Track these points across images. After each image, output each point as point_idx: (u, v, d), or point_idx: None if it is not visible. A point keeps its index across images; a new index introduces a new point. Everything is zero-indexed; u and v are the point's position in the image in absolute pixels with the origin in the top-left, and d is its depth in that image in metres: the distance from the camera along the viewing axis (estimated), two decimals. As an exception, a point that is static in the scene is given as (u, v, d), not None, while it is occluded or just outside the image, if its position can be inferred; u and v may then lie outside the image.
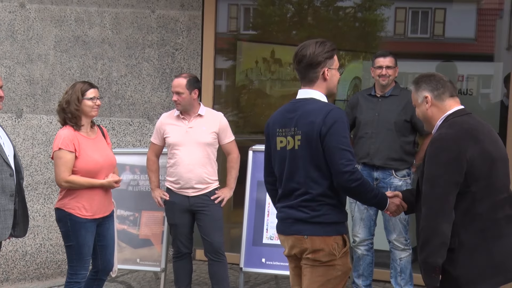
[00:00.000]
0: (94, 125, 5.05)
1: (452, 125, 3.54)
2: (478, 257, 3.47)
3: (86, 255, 4.86)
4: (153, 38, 6.79)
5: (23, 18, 6.53)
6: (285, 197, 3.83)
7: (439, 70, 6.72)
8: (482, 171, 3.45)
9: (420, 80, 3.71)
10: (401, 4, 7.20)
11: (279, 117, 3.87)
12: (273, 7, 7.65)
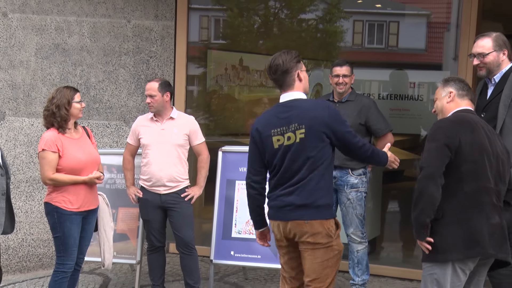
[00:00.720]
0: (77, 125, 5.06)
1: (456, 115, 3.77)
2: (456, 230, 3.59)
3: (72, 246, 4.87)
4: (129, 46, 6.80)
5: (5, 27, 6.47)
6: (281, 186, 3.99)
7: (393, 78, 6.91)
8: (471, 156, 3.60)
9: (450, 79, 3.92)
10: (359, 17, 7.23)
11: (271, 120, 4.03)
12: (241, 19, 7.64)
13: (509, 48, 4.45)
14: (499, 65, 4.44)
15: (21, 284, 6.23)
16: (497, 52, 4.41)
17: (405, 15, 7.16)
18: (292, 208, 3.93)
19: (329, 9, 7.27)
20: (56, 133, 4.84)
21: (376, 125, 5.55)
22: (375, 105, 5.63)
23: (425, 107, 6.75)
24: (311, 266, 3.95)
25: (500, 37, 4.45)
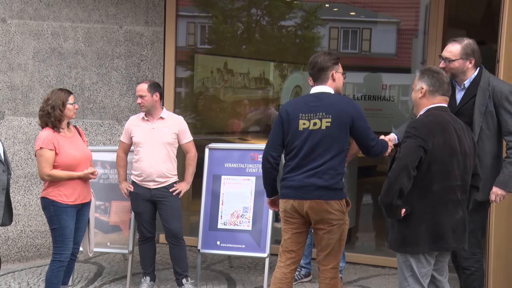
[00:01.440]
0: (69, 125, 5.06)
1: (429, 115, 3.70)
2: (423, 226, 3.63)
3: (68, 237, 4.88)
4: (121, 50, 6.80)
5: (4, 32, 6.42)
6: (301, 168, 4.17)
7: (366, 80, 6.93)
8: (441, 157, 3.59)
9: (425, 72, 3.83)
10: (334, 24, 7.24)
11: (301, 105, 4.24)
12: (225, 25, 7.64)
13: (477, 56, 4.39)
14: (465, 72, 4.41)
15: (20, 273, 6.20)
16: (463, 60, 4.37)
17: (377, 22, 7.19)
18: (313, 188, 4.11)
19: (307, 16, 7.29)
20: (52, 132, 4.85)
21: None
22: None
23: (396, 107, 6.80)
24: (328, 242, 4.18)
25: (470, 46, 4.38)
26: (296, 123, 4.19)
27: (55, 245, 4.90)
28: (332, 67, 4.30)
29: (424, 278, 3.71)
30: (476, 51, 4.40)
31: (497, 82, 4.40)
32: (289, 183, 4.21)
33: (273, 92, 7.45)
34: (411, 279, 3.69)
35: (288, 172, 4.23)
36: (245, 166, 5.75)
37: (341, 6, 7.34)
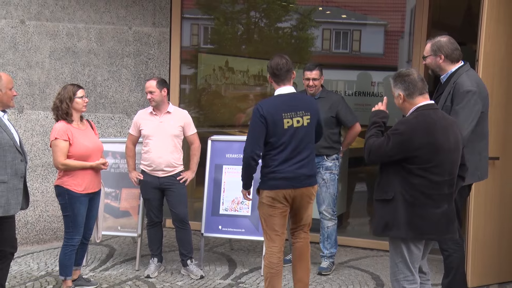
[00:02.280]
0: (83, 119, 5.07)
1: (418, 116, 3.62)
2: (403, 212, 3.59)
3: (80, 223, 4.91)
4: (130, 49, 6.80)
5: (23, 32, 6.47)
6: (290, 161, 4.33)
7: (357, 78, 6.92)
8: (426, 157, 3.54)
9: (396, 78, 3.76)
10: (327, 26, 7.22)
11: (281, 106, 4.34)
12: (226, 27, 7.61)
13: (447, 52, 4.34)
14: (439, 66, 4.40)
15: (38, 254, 6.24)
16: (433, 56, 4.38)
17: (366, 24, 7.16)
18: (304, 178, 4.37)
19: (301, 19, 7.26)
20: (66, 124, 4.86)
21: (345, 117, 5.55)
22: (343, 101, 5.63)
23: None
24: (308, 213, 4.56)
25: (437, 42, 4.37)
26: (281, 123, 4.28)
27: (67, 230, 4.92)
28: (292, 67, 4.50)
29: (414, 264, 3.69)
30: (444, 47, 4.35)
31: (462, 79, 4.30)
32: (280, 175, 4.33)
33: (271, 88, 7.49)
34: (401, 264, 3.68)
35: (278, 165, 4.33)
36: None
37: (333, 10, 7.29)
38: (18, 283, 5.39)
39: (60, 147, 4.79)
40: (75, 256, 5.02)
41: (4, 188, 4.17)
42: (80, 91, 4.95)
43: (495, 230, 5.10)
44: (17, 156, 4.24)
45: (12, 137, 4.23)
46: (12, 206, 4.23)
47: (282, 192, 4.33)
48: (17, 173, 4.24)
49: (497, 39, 4.93)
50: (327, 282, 5.36)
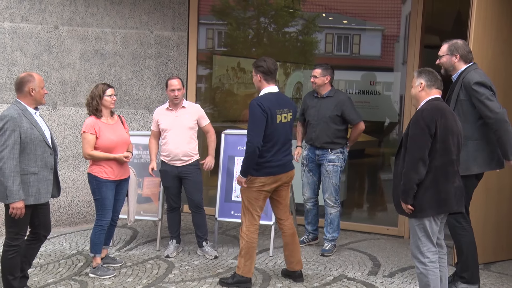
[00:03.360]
0: (113, 114, 5.11)
1: (430, 105, 3.77)
2: (430, 194, 3.73)
3: (108, 206, 4.97)
4: (152, 51, 6.82)
5: (57, 36, 6.50)
6: (281, 150, 4.57)
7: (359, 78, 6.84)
8: (442, 137, 3.68)
9: (423, 71, 3.90)
10: (330, 30, 7.17)
11: (274, 103, 4.50)
12: (238, 31, 7.58)
13: (462, 53, 4.41)
14: (453, 65, 4.46)
15: (70, 235, 6.30)
16: (449, 55, 4.44)
17: (365, 29, 7.12)
18: (289, 163, 4.66)
19: (306, 24, 7.22)
20: (95, 119, 4.93)
21: (350, 116, 5.52)
22: (349, 101, 5.59)
23: (381, 100, 6.78)
24: (287, 196, 4.79)
25: (455, 44, 4.45)
26: (275, 118, 4.47)
27: (97, 212, 4.99)
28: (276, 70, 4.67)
29: (434, 237, 3.81)
30: (461, 48, 4.43)
31: (470, 74, 4.37)
32: (276, 163, 4.54)
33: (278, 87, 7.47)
34: (424, 238, 3.79)
35: (273, 155, 4.53)
36: None
37: (335, 16, 7.20)
38: (52, 260, 5.45)
39: (88, 139, 4.88)
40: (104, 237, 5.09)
41: (35, 179, 4.22)
42: (109, 90, 5.00)
43: (480, 216, 5.12)
44: (47, 150, 4.28)
45: (42, 133, 4.26)
46: (42, 195, 4.28)
47: (275, 178, 4.56)
48: (46, 165, 4.29)
49: (484, 42, 4.94)
50: (329, 262, 5.39)
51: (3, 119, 4.12)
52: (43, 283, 4.88)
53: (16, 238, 4.27)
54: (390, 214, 6.47)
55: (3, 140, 4.07)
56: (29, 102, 4.27)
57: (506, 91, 5.20)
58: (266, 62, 4.55)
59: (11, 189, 4.07)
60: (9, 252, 4.27)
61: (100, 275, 4.99)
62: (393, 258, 5.56)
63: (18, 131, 4.11)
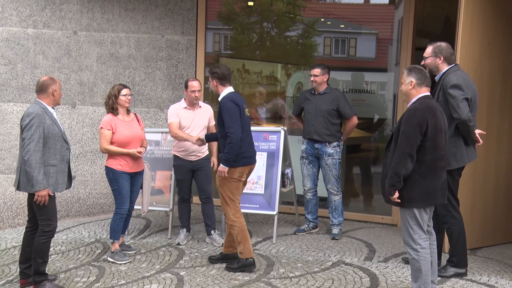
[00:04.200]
0: (130, 112, 5.14)
1: (422, 103, 3.74)
2: (418, 186, 3.73)
3: (125, 195, 5.01)
4: (163, 54, 6.84)
5: (75, 41, 6.54)
6: (250, 142, 4.71)
7: (353, 78, 6.89)
8: (432, 135, 3.68)
9: (413, 69, 3.85)
10: (328, 34, 7.14)
11: (241, 99, 4.67)
12: (243, 35, 7.57)
13: (446, 55, 4.42)
14: (437, 66, 4.46)
15: (88, 224, 6.34)
16: (434, 57, 4.45)
17: (360, 33, 7.11)
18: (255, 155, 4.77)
19: (306, 28, 7.21)
20: (112, 116, 4.98)
21: (344, 110, 5.57)
22: (344, 96, 5.65)
23: (376, 98, 6.79)
24: None
25: (439, 46, 4.45)
26: (244, 111, 4.60)
27: (116, 202, 5.04)
28: None
29: (425, 225, 3.83)
30: (444, 50, 4.43)
31: (448, 77, 4.38)
32: (250, 153, 4.67)
33: (280, 87, 7.45)
34: (415, 226, 3.80)
35: (247, 146, 4.64)
36: (258, 144, 5.70)
37: (333, 21, 7.16)
38: (73, 247, 5.50)
39: (104, 135, 4.93)
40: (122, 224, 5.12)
41: (54, 171, 4.31)
42: (124, 90, 5.04)
43: (467, 205, 5.14)
44: (64, 145, 4.36)
45: (61, 129, 4.35)
46: (59, 185, 4.37)
47: (250, 167, 4.69)
48: (63, 158, 4.37)
49: (471, 45, 4.96)
50: (328, 249, 5.40)
51: (29, 116, 4.20)
52: (65, 268, 4.94)
53: (48, 224, 4.35)
54: (384, 204, 6.41)
55: (29, 134, 4.16)
56: (50, 102, 4.37)
57: (491, 90, 5.23)
58: (220, 69, 4.68)
59: (37, 178, 4.16)
60: (42, 237, 4.35)
61: (117, 260, 5.04)
62: (387, 245, 5.58)
63: (42, 127, 4.20)
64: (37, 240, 4.36)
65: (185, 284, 4.47)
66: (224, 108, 4.50)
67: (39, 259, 4.38)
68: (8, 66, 6.40)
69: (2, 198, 6.40)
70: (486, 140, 5.18)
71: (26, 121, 4.20)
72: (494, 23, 5.12)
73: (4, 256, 5.37)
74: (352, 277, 4.63)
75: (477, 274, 4.72)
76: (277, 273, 4.73)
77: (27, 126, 4.19)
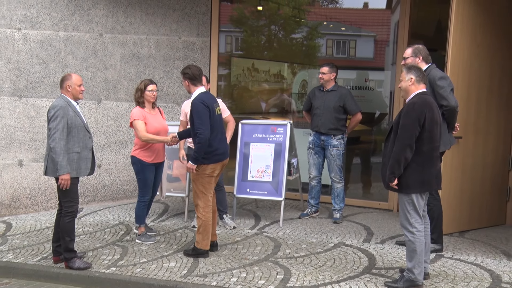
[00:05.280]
0: (155, 106, 5.14)
1: (420, 98, 3.74)
2: (416, 174, 3.74)
3: (149, 185, 5.03)
4: (180, 54, 6.86)
5: (101, 43, 6.58)
6: (222, 139, 4.57)
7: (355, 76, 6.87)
8: (429, 127, 3.68)
9: (412, 68, 3.86)
10: (330, 36, 7.12)
11: (212, 100, 4.51)
12: (252, 37, 7.56)
13: (424, 55, 4.46)
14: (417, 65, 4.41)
15: (113, 208, 6.41)
16: (413, 57, 4.47)
17: (360, 35, 7.09)
18: (228, 150, 4.64)
19: (310, 31, 7.20)
20: (140, 109, 4.97)
21: (350, 107, 5.60)
22: (350, 94, 5.65)
23: (374, 95, 6.78)
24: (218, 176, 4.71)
25: (417, 47, 4.48)
26: (214, 111, 4.44)
27: (140, 190, 5.04)
28: None
29: (421, 210, 3.85)
30: (422, 51, 4.47)
31: (432, 72, 4.42)
32: (221, 150, 4.52)
33: (286, 84, 7.45)
34: (412, 211, 3.81)
35: (218, 144, 4.50)
36: (267, 136, 5.76)
37: (335, 24, 7.12)
38: (99, 229, 5.57)
39: (139, 124, 4.90)
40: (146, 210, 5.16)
41: (78, 157, 4.40)
42: (151, 85, 5.01)
43: (457, 192, 5.17)
44: (86, 134, 4.45)
45: (83, 120, 4.43)
46: (82, 170, 4.45)
47: (222, 163, 4.57)
48: (86, 146, 4.45)
49: (461, 46, 4.97)
50: (330, 232, 5.41)
51: (54, 108, 4.30)
52: (92, 247, 5.02)
53: (71, 205, 4.44)
54: (382, 191, 6.49)
55: (55, 124, 4.26)
56: (70, 96, 4.43)
57: (479, 87, 5.24)
58: (190, 69, 4.51)
59: (61, 164, 4.25)
60: (66, 217, 4.45)
61: (144, 241, 5.10)
62: (384, 228, 5.59)
63: (66, 118, 4.29)
64: (62, 221, 4.45)
65: (200, 263, 4.54)
66: (194, 109, 4.37)
67: (67, 237, 4.48)
68: (42, 65, 6.46)
69: (37, 184, 6.50)
70: (474, 132, 5.25)
71: (52, 112, 4.30)
72: (483, 26, 5.13)
73: (39, 235, 5.49)
74: (351, 257, 4.66)
75: (465, 254, 4.76)
76: (284, 253, 4.76)
77: (53, 117, 4.28)
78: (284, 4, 7.36)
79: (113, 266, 4.54)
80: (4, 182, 6.42)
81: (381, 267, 4.41)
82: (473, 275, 4.25)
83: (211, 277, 4.24)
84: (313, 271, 4.32)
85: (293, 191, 6.55)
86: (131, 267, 4.51)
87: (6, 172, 6.42)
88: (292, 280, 4.13)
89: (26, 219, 6.12)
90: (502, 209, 5.73)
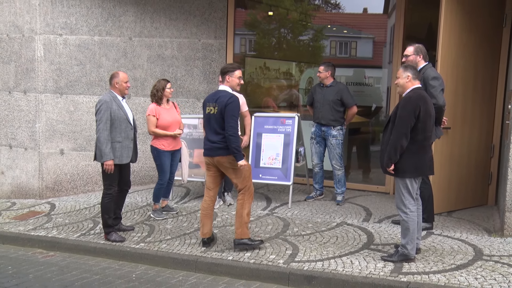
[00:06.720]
0: (169, 101, 5.22)
1: (415, 92, 3.73)
2: (411, 160, 3.71)
3: (166, 170, 5.14)
4: (199, 55, 6.89)
5: (130, 45, 6.64)
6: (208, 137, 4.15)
7: (354, 73, 6.85)
8: (423, 118, 3.67)
9: (408, 66, 3.83)
10: (333, 38, 7.10)
11: (209, 98, 4.17)
12: (264, 39, 7.55)
13: (424, 54, 4.45)
14: (417, 63, 4.44)
15: (141, 191, 6.54)
16: (415, 55, 4.45)
17: (360, 37, 7.07)
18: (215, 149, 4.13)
19: (315, 33, 7.18)
20: (155, 105, 5.07)
21: (346, 100, 5.58)
22: (347, 88, 5.65)
23: (373, 90, 6.76)
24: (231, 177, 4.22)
25: (419, 47, 4.48)
26: (205, 109, 4.15)
27: (159, 174, 5.19)
28: (228, 72, 4.10)
29: (414, 193, 3.83)
30: (422, 50, 4.46)
31: (427, 71, 4.39)
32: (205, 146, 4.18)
33: (294, 81, 7.46)
34: (407, 194, 3.79)
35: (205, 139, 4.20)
36: (277, 127, 5.77)
37: (338, 27, 7.11)
38: (130, 209, 5.68)
39: (151, 119, 5.04)
40: (163, 191, 5.27)
41: (120, 146, 4.51)
42: (169, 84, 5.13)
43: (446, 176, 5.18)
44: (128, 125, 4.55)
45: (126, 113, 4.52)
46: (124, 158, 4.55)
47: (207, 158, 4.20)
48: (128, 136, 4.55)
49: (449, 47, 4.96)
50: (333, 212, 5.41)
51: (99, 102, 4.43)
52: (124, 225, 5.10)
53: (110, 187, 4.59)
54: (380, 176, 6.49)
55: (99, 116, 4.38)
56: (117, 91, 4.54)
57: (465, 83, 5.23)
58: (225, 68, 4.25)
59: (105, 151, 4.38)
60: (105, 198, 4.61)
61: (156, 216, 5.23)
62: (381, 209, 5.59)
63: (109, 111, 4.40)
64: (102, 201, 4.61)
65: (218, 240, 4.61)
66: None
67: (106, 215, 4.64)
68: (79, 66, 6.55)
69: (76, 170, 6.64)
70: (461, 124, 5.26)
71: (97, 106, 4.42)
72: (468, 28, 5.10)
73: (78, 215, 5.64)
74: (352, 234, 4.68)
75: (452, 231, 4.78)
76: (292, 231, 4.79)
77: (98, 110, 4.41)
78: (292, 9, 7.34)
79: (142, 242, 4.64)
80: (48, 168, 6.56)
81: (378, 243, 4.45)
82: (458, 249, 4.28)
83: (228, 252, 4.30)
84: (318, 247, 4.36)
85: (300, 176, 6.56)
86: (157, 243, 4.58)
87: (50, 160, 6.56)
88: (300, 255, 4.18)
89: (67, 201, 6.26)
90: (485, 192, 5.74)
